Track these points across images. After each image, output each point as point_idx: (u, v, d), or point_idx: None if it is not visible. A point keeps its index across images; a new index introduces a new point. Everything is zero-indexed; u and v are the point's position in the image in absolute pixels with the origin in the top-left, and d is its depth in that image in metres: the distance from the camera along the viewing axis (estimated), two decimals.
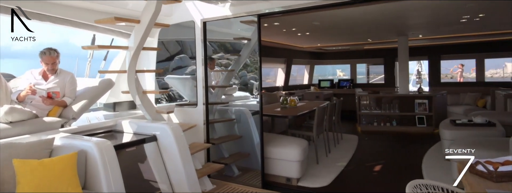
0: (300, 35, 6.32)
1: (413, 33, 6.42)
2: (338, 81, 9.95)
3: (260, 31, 3.68)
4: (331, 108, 5.00)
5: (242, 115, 4.29)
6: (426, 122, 6.59)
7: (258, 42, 3.73)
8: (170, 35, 4.72)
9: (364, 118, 7.02)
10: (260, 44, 3.72)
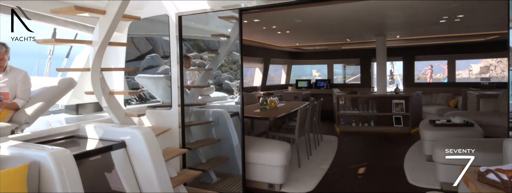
0: (280, 33, 6.14)
1: (391, 33, 6.44)
2: (315, 82, 9.90)
3: (241, 27, 3.45)
4: (312, 109, 4.85)
5: (220, 117, 4.02)
6: (403, 122, 6.63)
7: (239, 39, 3.50)
8: (141, 31, 4.35)
9: (342, 118, 6.97)
10: (241, 41, 3.49)
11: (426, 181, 3.59)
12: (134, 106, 5.21)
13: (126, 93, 3.40)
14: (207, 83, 4.49)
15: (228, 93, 7.18)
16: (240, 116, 3.48)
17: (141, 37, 17.99)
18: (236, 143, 3.90)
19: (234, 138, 3.90)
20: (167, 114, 3.55)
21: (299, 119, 4.15)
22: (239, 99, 3.41)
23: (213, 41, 7.11)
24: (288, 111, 4.77)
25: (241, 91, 3.40)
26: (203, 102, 5.00)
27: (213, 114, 4.07)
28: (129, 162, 2.72)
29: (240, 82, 3.41)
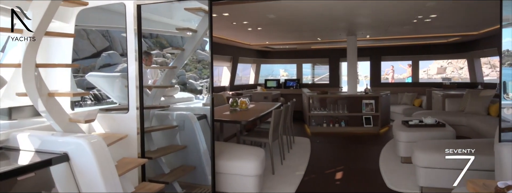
0: (251, 30, 5.80)
1: (362, 33, 6.37)
2: (284, 81, 9.70)
3: (211, 20, 3.06)
4: (285, 111, 4.57)
5: (186, 121, 3.59)
6: (373, 122, 6.61)
7: (209, 34, 3.10)
8: (92, 22, 3.79)
9: (313, 119, 6.80)
10: (211, 36, 3.10)
11: (405, 185, 3.45)
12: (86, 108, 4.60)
13: (70, 95, 2.85)
14: (171, 83, 4.04)
15: (193, 94, 6.72)
16: (210, 120, 3.10)
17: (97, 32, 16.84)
18: (204, 149, 3.50)
19: (202, 144, 3.49)
20: (123, 118, 3.05)
21: (274, 122, 3.84)
22: (208, 100, 3.01)
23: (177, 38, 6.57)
24: (260, 112, 4.45)
25: (210, 92, 3.01)
26: (166, 103, 4.52)
27: (178, 117, 3.63)
28: (73, 179, 2.23)
29: (209, 82, 3.01)
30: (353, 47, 6.65)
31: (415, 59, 8.73)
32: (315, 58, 9.64)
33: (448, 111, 5.91)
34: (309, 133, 6.58)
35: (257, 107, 5.26)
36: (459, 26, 5.86)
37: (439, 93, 6.47)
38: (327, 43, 7.89)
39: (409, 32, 6.38)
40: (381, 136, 6.28)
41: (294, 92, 9.20)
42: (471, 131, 5.04)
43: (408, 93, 8.22)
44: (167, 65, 5.72)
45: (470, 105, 5.45)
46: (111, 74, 3.90)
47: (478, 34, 6.41)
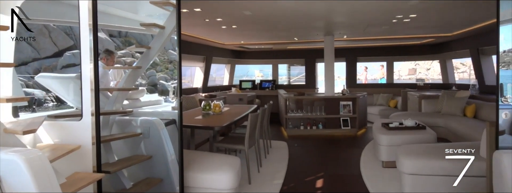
0: (225, 28, 5.46)
1: (340, 33, 6.22)
2: (260, 82, 9.44)
3: (179, 15, 2.72)
4: (262, 114, 4.29)
5: (151, 127, 3.20)
6: (350, 124, 6.49)
7: (177, 31, 2.75)
8: (40, 15, 3.30)
9: (290, 121, 6.58)
10: (179, 33, 2.75)
11: (389, 191, 3.27)
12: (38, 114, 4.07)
13: (3, 101, 2.38)
14: (136, 84, 3.62)
15: (164, 95, 6.29)
16: (178, 126, 2.74)
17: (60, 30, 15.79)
18: (172, 159, 3.13)
19: (170, 153, 3.12)
20: (76, 127, 2.63)
21: (250, 127, 3.54)
22: (177, 104, 2.66)
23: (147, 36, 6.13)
24: (235, 116, 4.13)
25: (179, 96, 2.66)
26: (131, 107, 4.10)
27: (142, 123, 3.23)
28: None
29: (177, 84, 2.66)
30: (330, 47, 6.50)
31: (390, 60, 8.78)
32: (291, 58, 9.46)
33: (424, 112, 5.89)
34: (286, 135, 6.35)
35: (232, 110, 4.94)
36: (434, 28, 5.86)
37: (415, 95, 6.46)
38: (303, 43, 7.72)
39: (386, 33, 6.33)
40: (359, 138, 6.17)
41: (270, 94, 8.97)
42: (448, 133, 5.01)
43: (383, 94, 8.22)
44: None
45: (446, 106, 5.44)
46: (65, 75, 3.43)
47: (452, 35, 6.47)
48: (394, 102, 7.90)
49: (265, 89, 9.21)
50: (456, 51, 7.21)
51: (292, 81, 11.63)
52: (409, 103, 6.81)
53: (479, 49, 6.26)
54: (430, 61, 30.35)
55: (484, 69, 6.28)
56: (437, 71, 31.07)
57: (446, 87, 7.68)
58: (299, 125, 6.53)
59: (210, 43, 7.45)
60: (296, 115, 6.53)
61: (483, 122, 4.79)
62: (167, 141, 3.19)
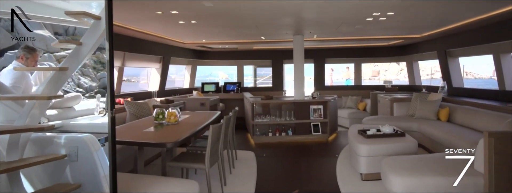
0: (183, 24, 4.77)
1: (310, 32, 5.78)
2: (224, 85, 8.79)
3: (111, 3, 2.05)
4: (227, 123, 3.68)
5: (81, 147, 2.47)
6: (321, 129, 6.08)
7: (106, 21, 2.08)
8: None
9: (258, 128, 6.02)
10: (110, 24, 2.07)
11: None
12: None
13: None
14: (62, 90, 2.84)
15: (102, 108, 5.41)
16: (109, 147, 2.05)
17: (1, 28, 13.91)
18: None
19: (106, 181, 2.41)
20: None
21: (211, 141, 2.91)
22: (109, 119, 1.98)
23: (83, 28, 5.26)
24: (194, 127, 3.47)
25: (109, 108, 1.96)
26: (61, 119, 3.29)
27: (69, 141, 2.48)
28: None
29: (108, 93, 1.96)
30: (300, 47, 6.05)
31: (358, 61, 8.58)
32: (258, 59, 8.93)
33: (397, 116, 5.63)
34: (254, 144, 5.78)
35: (192, 118, 4.27)
36: (405, 29, 5.65)
37: (386, 98, 6.20)
38: (271, 43, 7.21)
39: (357, 33, 6.01)
40: (331, 144, 5.77)
41: (235, 97, 8.37)
42: (423, 137, 4.75)
43: (352, 97, 7.97)
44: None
45: (420, 110, 5.20)
46: None
47: (421, 37, 6.32)
48: (363, 105, 7.67)
49: (230, 93, 8.59)
50: (423, 53, 7.12)
51: (258, 83, 11.12)
52: (380, 106, 6.57)
53: (447, 51, 6.16)
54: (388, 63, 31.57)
55: (451, 71, 6.19)
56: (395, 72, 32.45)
57: (414, 90, 7.60)
58: (267, 131, 6.00)
59: (167, 41, 6.68)
60: (264, 121, 5.99)
61: (458, 126, 4.58)
62: (103, 163, 2.48)
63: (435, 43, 6.45)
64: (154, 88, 7.06)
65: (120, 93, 5.86)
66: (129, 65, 6.18)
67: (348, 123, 7.33)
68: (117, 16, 4.48)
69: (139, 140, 2.82)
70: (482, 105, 4.61)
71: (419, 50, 7.15)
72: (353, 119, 7.28)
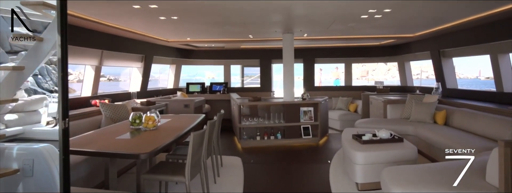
0: (164, 20, 4.40)
1: (301, 30, 5.49)
2: (210, 85, 8.42)
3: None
4: (211, 129, 3.34)
5: (37, 159, 2.10)
6: (312, 132, 5.81)
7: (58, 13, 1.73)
8: None
9: (245, 131, 5.70)
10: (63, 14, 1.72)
11: None
12: None
13: None
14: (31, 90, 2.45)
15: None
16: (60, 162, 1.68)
17: None
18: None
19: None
20: None
21: (192, 151, 2.57)
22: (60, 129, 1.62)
23: None
24: (174, 134, 3.12)
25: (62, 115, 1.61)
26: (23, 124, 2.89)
27: (23, 153, 2.11)
28: None
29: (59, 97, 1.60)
30: (290, 46, 5.76)
31: (348, 61, 8.36)
32: (245, 59, 8.60)
33: (391, 119, 5.41)
34: (241, 148, 5.46)
35: (173, 122, 3.91)
36: (399, 28, 5.43)
37: (379, 99, 5.98)
38: (259, 42, 6.90)
39: (349, 32, 5.76)
40: (322, 148, 5.50)
41: (221, 98, 8.02)
42: (420, 141, 4.53)
43: (342, 98, 7.74)
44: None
45: (415, 112, 4.98)
46: None
47: (413, 36, 6.13)
48: (354, 106, 7.45)
49: (216, 93, 8.23)
50: (415, 53, 6.94)
51: (246, 83, 10.80)
52: (372, 107, 6.34)
53: (441, 51, 5.99)
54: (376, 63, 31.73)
55: (445, 72, 6.02)
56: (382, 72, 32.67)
57: (406, 91, 7.42)
58: (255, 135, 5.68)
59: (150, 39, 6.28)
60: (252, 124, 5.67)
61: (457, 130, 4.37)
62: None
63: (428, 43, 6.27)
64: (135, 88, 6.65)
65: (97, 94, 5.43)
66: (108, 65, 5.75)
67: (339, 125, 7.10)
68: (92, 11, 4.08)
69: (110, 150, 2.45)
70: (481, 107, 4.42)
71: (412, 50, 6.97)
72: (344, 121, 7.06)
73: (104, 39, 5.23)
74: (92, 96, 5.22)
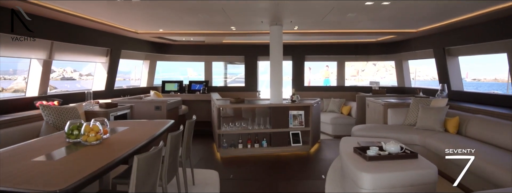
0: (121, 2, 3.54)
1: (291, 22, 4.72)
2: (188, 84, 7.58)
3: None
4: (176, 141, 2.54)
5: None
6: (302, 139, 5.08)
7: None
8: None
9: (225, 138, 4.92)
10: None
11: None
12: None
13: None
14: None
15: None
16: None
17: None
18: None
19: None
20: None
21: (137, 180, 1.76)
22: None
23: None
24: (125, 149, 2.29)
25: None
26: None
27: None
28: None
29: None
30: (278, 40, 4.99)
31: (341, 59, 7.67)
32: (228, 55, 7.79)
33: (393, 125, 4.71)
34: (219, 158, 4.67)
35: (129, 132, 3.06)
36: (402, 20, 4.75)
37: (378, 102, 5.29)
38: (243, 36, 6.10)
39: (346, 25, 5.04)
40: (313, 158, 4.78)
41: (201, 98, 7.20)
42: (429, 153, 3.85)
43: (334, 99, 7.06)
44: None
45: (422, 118, 4.31)
46: None
47: (416, 32, 5.47)
48: (348, 109, 6.76)
49: (195, 93, 7.39)
50: (415, 51, 6.30)
51: (229, 82, 10.00)
52: (369, 111, 5.65)
53: (446, 49, 5.36)
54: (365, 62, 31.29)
55: (450, 72, 5.39)
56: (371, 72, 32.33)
57: (404, 92, 6.79)
58: (237, 142, 4.90)
59: (116, 30, 5.39)
60: (233, 130, 4.89)
61: (475, 141, 3.68)
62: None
63: (432, 39, 5.64)
64: (99, 87, 5.75)
65: (46, 94, 4.52)
66: (61, 59, 4.83)
67: (331, 130, 6.41)
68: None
69: (3, 185, 1.61)
70: (500, 114, 3.78)
71: (412, 47, 6.33)
72: (337, 125, 6.37)
73: (55, 27, 4.32)
74: (39, 96, 4.31)
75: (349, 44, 7.34)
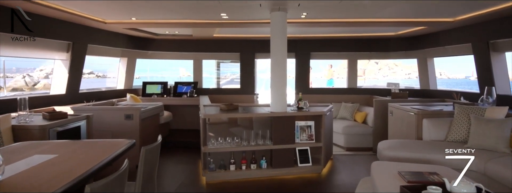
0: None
1: (299, 5, 3.61)
2: (174, 85, 6.47)
3: None
4: (154, 157, 1.42)
5: None
6: (312, 158, 4.00)
7: None
8: None
9: (213, 158, 3.81)
10: None
11: None
12: None
13: None
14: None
15: None
16: None
17: None
18: None
19: None
20: None
21: None
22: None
23: None
24: None
25: None
26: None
27: None
28: None
29: None
30: (281, 30, 3.88)
31: (353, 57, 6.58)
32: (221, 52, 6.69)
33: (432, 141, 3.59)
34: (205, 185, 3.57)
35: (51, 164, 1.94)
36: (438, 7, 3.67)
37: (408, 109, 4.15)
38: (237, 27, 4.97)
39: (367, 12, 3.96)
40: (326, 182, 3.70)
41: (188, 103, 6.09)
42: (491, 182, 2.77)
43: (346, 104, 5.97)
44: None
45: (477, 134, 3.21)
46: None
47: (453, 22, 4.39)
48: (362, 115, 5.67)
49: (182, 96, 6.28)
50: (445, 47, 5.22)
51: (222, 83, 8.90)
52: (393, 120, 4.54)
53: (490, 42, 4.28)
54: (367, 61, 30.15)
55: (495, 72, 4.32)
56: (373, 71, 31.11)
57: (430, 96, 5.70)
58: (228, 163, 3.80)
59: (79, 19, 4.28)
60: (223, 146, 3.78)
61: None
62: None
63: (470, 31, 4.57)
64: (59, 90, 4.64)
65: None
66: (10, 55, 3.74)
67: (343, 141, 5.33)
68: None
69: None
70: None
71: (440, 42, 5.25)
72: (350, 136, 5.28)
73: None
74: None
75: (362, 39, 6.25)
